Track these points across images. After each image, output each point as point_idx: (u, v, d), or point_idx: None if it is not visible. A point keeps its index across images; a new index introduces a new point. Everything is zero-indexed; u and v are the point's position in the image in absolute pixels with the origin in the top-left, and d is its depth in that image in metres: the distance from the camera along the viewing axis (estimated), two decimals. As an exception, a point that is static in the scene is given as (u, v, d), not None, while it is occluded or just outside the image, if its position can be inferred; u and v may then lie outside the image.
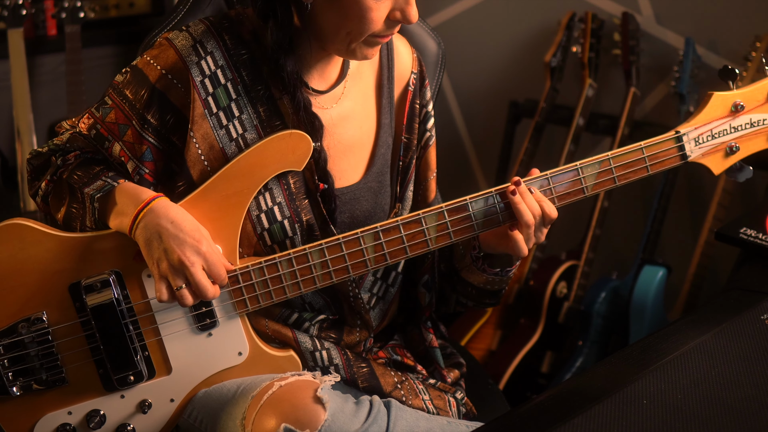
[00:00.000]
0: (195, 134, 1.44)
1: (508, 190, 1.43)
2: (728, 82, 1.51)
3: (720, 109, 1.51)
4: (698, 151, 1.51)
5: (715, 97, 1.50)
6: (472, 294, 1.60)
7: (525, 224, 1.43)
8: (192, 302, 1.38)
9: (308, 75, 1.50)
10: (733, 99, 1.51)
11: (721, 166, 1.53)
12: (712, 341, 1.41)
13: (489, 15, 3.04)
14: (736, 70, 1.49)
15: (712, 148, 1.52)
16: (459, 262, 1.59)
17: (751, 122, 1.52)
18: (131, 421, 1.47)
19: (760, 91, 1.52)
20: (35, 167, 1.54)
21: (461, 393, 1.61)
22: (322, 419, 1.34)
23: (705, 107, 1.50)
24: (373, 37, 1.41)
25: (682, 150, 1.50)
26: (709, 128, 1.50)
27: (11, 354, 1.43)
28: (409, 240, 1.45)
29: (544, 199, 1.45)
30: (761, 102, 1.52)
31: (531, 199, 1.44)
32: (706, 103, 1.50)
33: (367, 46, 1.43)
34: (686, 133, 1.50)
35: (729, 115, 1.51)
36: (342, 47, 1.43)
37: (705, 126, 1.50)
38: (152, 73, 1.44)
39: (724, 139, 1.52)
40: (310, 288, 1.45)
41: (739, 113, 1.51)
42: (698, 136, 1.50)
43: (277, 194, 1.47)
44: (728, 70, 1.50)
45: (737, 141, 1.52)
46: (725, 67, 1.50)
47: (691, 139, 1.50)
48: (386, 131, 1.57)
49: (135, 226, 1.39)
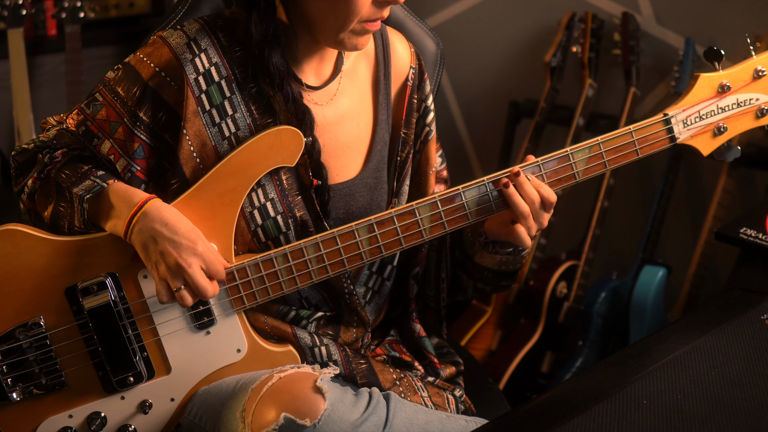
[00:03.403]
0: (188, 132, 1.44)
1: (501, 183, 1.44)
2: (714, 63, 1.52)
3: (707, 90, 1.52)
4: (687, 132, 1.52)
5: (702, 78, 1.51)
6: (489, 278, 1.60)
7: (521, 215, 1.44)
8: (192, 302, 1.38)
9: (300, 70, 1.50)
10: (720, 80, 1.52)
11: (709, 146, 1.54)
12: (712, 341, 1.41)
13: (489, 15, 3.04)
14: (721, 51, 1.50)
15: (700, 129, 1.53)
16: (470, 249, 1.59)
17: (737, 102, 1.53)
18: (132, 422, 1.47)
19: (745, 71, 1.53)
20: (20, 164, 1.52)
21: (460, 390, 1.62)
22: (321, 408, 1.34)
23: (692, 89, 1.51)
24: (361, 24, 1.40)
25: (671, 132, 1.51)
26: (697, 110, 1.52)
27: (10, 360, 1.43)
28: (404, 231, 1.45)
29: (542, 184, 1.45)
30: (747, 82, 1.53)
31: (529, 188, 1.44)
32: (693, 85, 1.51)
33: (356, 35, 1.42)
34: (674, 115, 1.51)
35: (716, 96, 1.52)
36: (330, 36, 1.42)
37: (692, 107, 1.52)
38: (145, 70, 1.44)
39: (711, 119, 1.53)
40: (307, 283, 1.45)
41: (725, 93, 1.52)
42: (686, 117, 1.51)
43: (269, 190, 1.47)
44: (714, 51, 1.50)
45: (724, 121, 1.53)
46: (710, 48, 1.51)
47: (679, 120, 1.51)
48: (383, 127, 1.57)
49: (130, 230, 1.39)
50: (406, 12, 1.82)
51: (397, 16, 1.81)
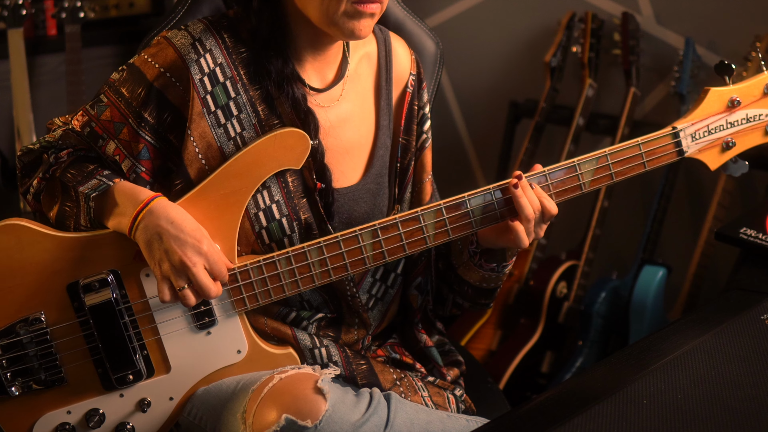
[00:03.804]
0: (193, 133, 1.44)
1: (511, 184, 1.44)
2: (724, 77, 1.51)
3: (716, 104, 1.51)
4: (695, 146, 1.51)
5: (712, 92, 1.51)
6: (468, 294, 1.61)
7: (525, 218, 1.44)
8: (195, 302, 1.38)
9: (304, 72, 1.49)
10: (730, 95, 1.51)
11: (717, 161, 1.54)
12: (712, 341, 1.41)
13: (489, 15, 3.04)
14: (732, 66, 1.49)
15: (708, 144, 1.52)
16: (456, 259, 1.59)
17: (747, 117, 1.52)
18: (130, 420, 1.47)
19: (756, 86, 1.52)
20: (26, 164, 1.52)
21: (460, 390, 1.62)
22: (323, 410, 1.34)
23: (701, 103, 1.50)
24: (353, 5, 1.38)
25: (679, 146, 1.50)
26: (706, 124, 1.51)
27: (10, 354, 1.43)
28: (408, 237, 1.45)
29: (544, 194, 1.45)
30: (757, 97, 1.52)
31: (532, 194, 1.44)
32: (703, 99, 1.51)
33: (350, 18, 1.39)
34: (683, 129, 1.50)
35: (725, 111, 1.51)
36: (324, 19, 1.40)
37: (701, 122, 1.51)
38: (150, 71, 1.43)
39: (720, 134, 1.52)
40: (309, 286, 1.45)
41: (735, 109, 1.52)
42: (695, 131, 1.51)
43: (275, 192, 1.47)
44: (724, 65, 1.50)
45: (733, 136, 1.53)
46: (721, 62, 1.50)
47: (688, 134, 1.50)
48: (384, 133, 1.57)
49: (135, 227, 1.38)
50: (406, 12, 1.82)
51: (396, 16, 1.81)
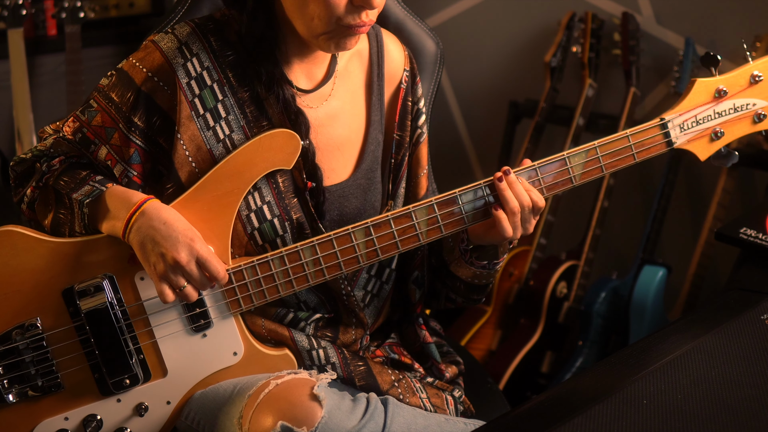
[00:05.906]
0: (182, 136, 1.44)
1: (495, 177, 1.44)
2: (711, 68, 1.52)
3: (703, 95, 1.52)
4: (683, 137, 1.52)
5: (698, 83, 1.51)
6: (460, 289, 1.60)
7: (510, 211, 1.43)
8: (196, 297, 1.39)
9: (293, 74, 1.49)
10: (716, 85, 1.52)
11: (706, 151, 1.54)
12: (712, 341, 1.41)
13: (489, 15, 3.03)
14: (718, 57, 1.50)
15: (697, 134, 1.52)
16: (448, 255, 1.59)
17: (734, 107, 1.53)
18: (128, 425, 1.47)
19: (742, 76, 1.53)
20: (19, 174, 1.53)
21: (459, 391, 1.61)
22: (318, 416, 1.34)
23: (688, 94, 1.51)
24: (342, 27, 1.38)
25: (668, 137, 1.51)
26: (693, 114, 1.52)
27: (6, 361, 1.42)
28: (400, 234, 1.45)
29: (532, 188, 1.45)
30: (744, 87, 1.53)
31: (520, 189, 1.44)
32: (690, 90, 1.51)
33: (337, 37, 1.39)
34: (671, 120, 1.51)
35: (712, 101, 1.52)
36: (309, 35, 1.40)
37: (689, 112, 1.51)
38: (138, 75, 1.44)
39: (708, 124, 1.52)
40: (303, 286, 1.45)
41: (722, 98, 1.52)
42: (683, 122, 1.51)
43: (266, 193, 1.46)
44: (710, 56, 1.51)
45: (721, 126, 1.53)
46: (707, 53, 1.51)
47: (676, 125, 1.51)
48: (376, 128, 1.57)
49: (128, 229, 1.38)
50: (406, 12, 1.82)
51: (396, 15, 1.80)
